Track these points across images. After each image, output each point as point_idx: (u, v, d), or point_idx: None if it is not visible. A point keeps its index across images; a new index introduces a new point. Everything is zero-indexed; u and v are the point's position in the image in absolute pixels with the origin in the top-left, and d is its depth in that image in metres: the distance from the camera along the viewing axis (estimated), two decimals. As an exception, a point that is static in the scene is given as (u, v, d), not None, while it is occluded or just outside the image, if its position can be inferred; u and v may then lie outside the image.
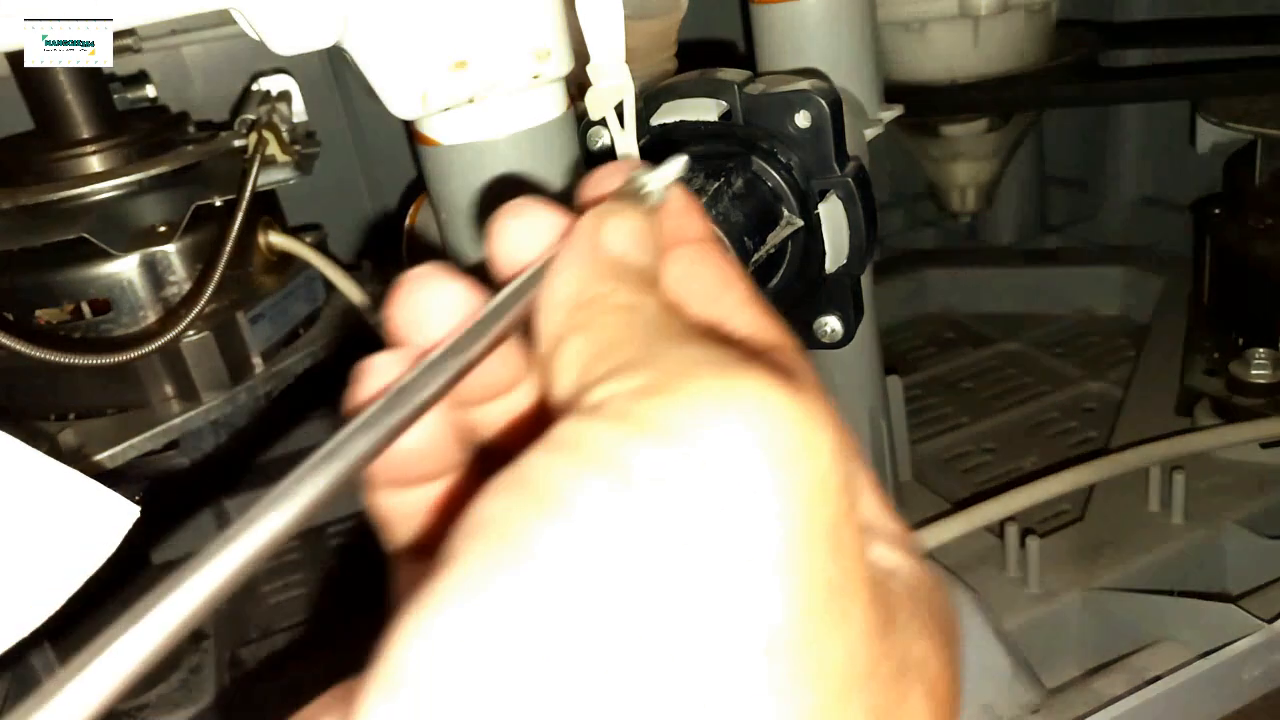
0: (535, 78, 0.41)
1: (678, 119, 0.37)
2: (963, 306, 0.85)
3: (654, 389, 0.14)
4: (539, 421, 0.15)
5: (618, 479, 0.13)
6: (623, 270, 0.17)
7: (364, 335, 0.57)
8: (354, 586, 0.60)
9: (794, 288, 0.38)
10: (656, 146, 0.38)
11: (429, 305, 0.18)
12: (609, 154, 0.38)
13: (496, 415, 0.19)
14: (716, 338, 0.16)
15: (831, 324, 0.39)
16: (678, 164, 0.21)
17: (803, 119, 0.35)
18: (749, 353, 0.15)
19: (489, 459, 0.15)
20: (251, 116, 0.55)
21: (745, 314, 0.18)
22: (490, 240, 0.19)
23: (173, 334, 0.46)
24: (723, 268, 0.19)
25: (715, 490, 0.13)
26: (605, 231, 0.18)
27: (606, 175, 0.19)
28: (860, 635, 0.14)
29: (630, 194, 0.19)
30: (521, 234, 0.19)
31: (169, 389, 0.50)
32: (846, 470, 0.14)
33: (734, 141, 0.36)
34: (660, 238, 0.18)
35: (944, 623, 0.16)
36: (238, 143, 0.53)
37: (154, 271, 0.49)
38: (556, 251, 0.18)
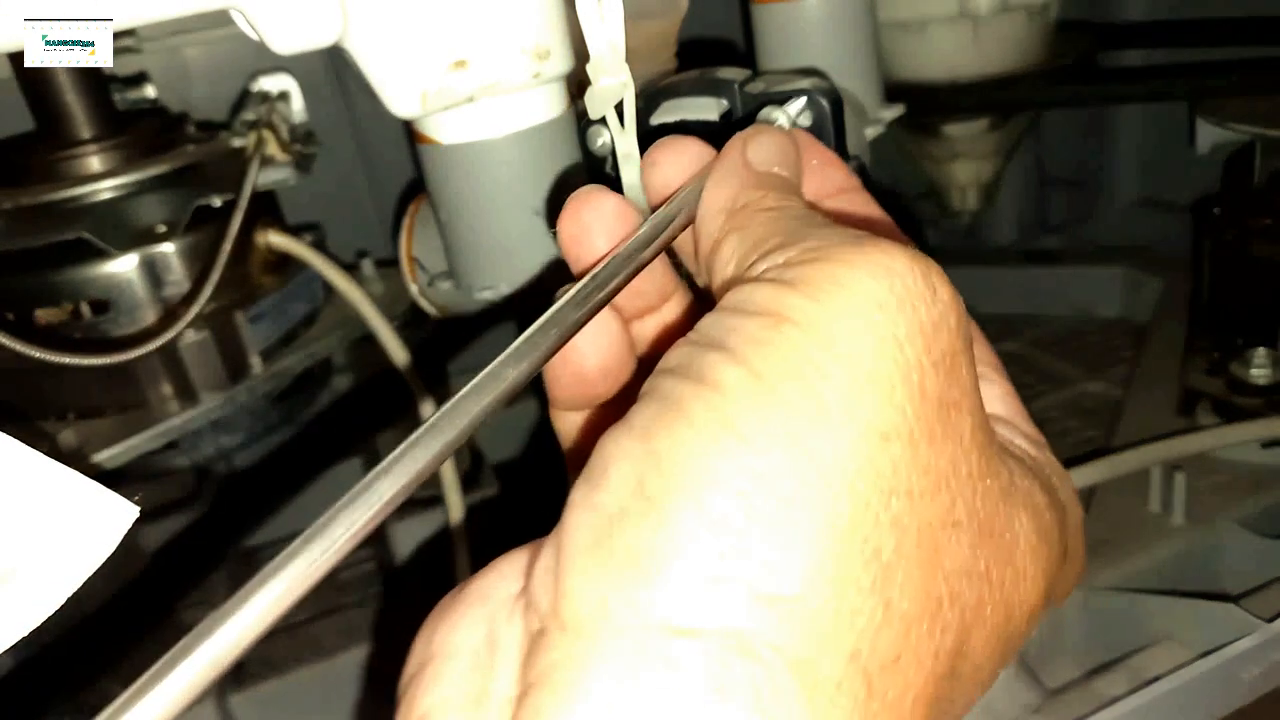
0: (535, 77, 0.41)
1: (678, 118, 0.37)
2: (962, 306, 0.85)
3: (801, 259, 0.17)
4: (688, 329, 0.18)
5: (771, 322, 0.16)
6: (769, 180, 0.21)
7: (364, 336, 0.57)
8: (353, 586, 0.60)
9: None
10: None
11: (594, 216, 0.21)
12: (609, 153, 0.38)
13: (652, 329, 0.23)
14: (853, 225, 0.19)
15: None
16: (799, 102, 0.27)
17: (803, 118, 0.35)
18: (882, 233, 0.18)
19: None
20: (251, 116, 0.55)
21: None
22: (647, 170, 0.23)
23: (172, 334, 0.46)
24: (870, 211, 0.23)
25: (850, 325, 0.16)
26: (751, 150, 0.21)
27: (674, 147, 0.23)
28: (966, 446, 0.17)
29: (765, 125, 0.23)
30: (672, 163, 0.23)
31: (168, 389, 0.50)
32: (961, 320, 0.17)
33: (734, 141, 0.36)
34: (798, 157, 0.22)
35: (1059, 489, 0.19)
36: (237, 143, 0.53)
37: (153, 271, 0.49)
38: (707, 171, 0.21)
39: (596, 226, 0.21)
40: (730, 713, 0.14)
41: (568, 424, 0.23)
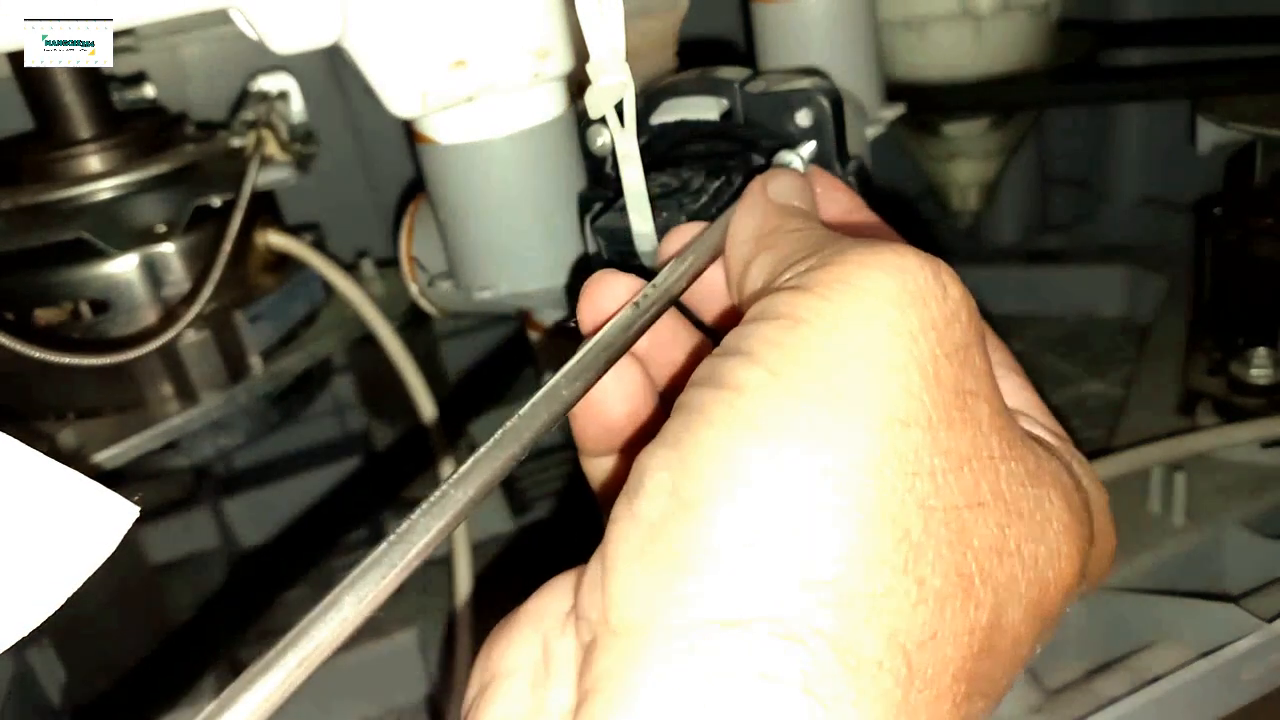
0: (535, 76, 0.41)
1: (678, 118, 0.37)
2: (963, 306, 0.85)
3: (819, 265, 0.18)
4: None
5: (788, 324, 0.17)
6: (789, 210, 0.22)
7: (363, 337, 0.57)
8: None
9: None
10: (657, 145, 0.37)
11: (609, 298, 0.23)
12: (609, 153, 0.38)
13: (671, 373, 0.24)
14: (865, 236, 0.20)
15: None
16: (809, 146, 0.30)
17: (804, 117, 0.35)
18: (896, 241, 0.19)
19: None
20: (250, 116, 0.55)
21: None
22: (661, 255, 0.25)
23: (172, 334, 0.46)
24: (877, 227, 0.25)
25: (865, 321, 0.17)
26: (771, 188, 0.23)
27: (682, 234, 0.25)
28: (985, 431, 0.17)
29: (782, 167, 0.26)
30: (677, 240, 0.25)
31: (168, 389, 0.50)
32: (973, 315, 0.18)
33: (735, 140, 0.36)
34: (813, 195, 0.24)
35: (1082, 476, 0.20)
36: (236, 142, 0.53)
37: (153, 271, 0.49)
38: (724, 218, 0.23)
39: (614, 308, 0.22)
40: (782, 698, 0.15)
41: (598, 469, 0.24)
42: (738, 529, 0.16)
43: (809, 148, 0.27)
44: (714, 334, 0.25)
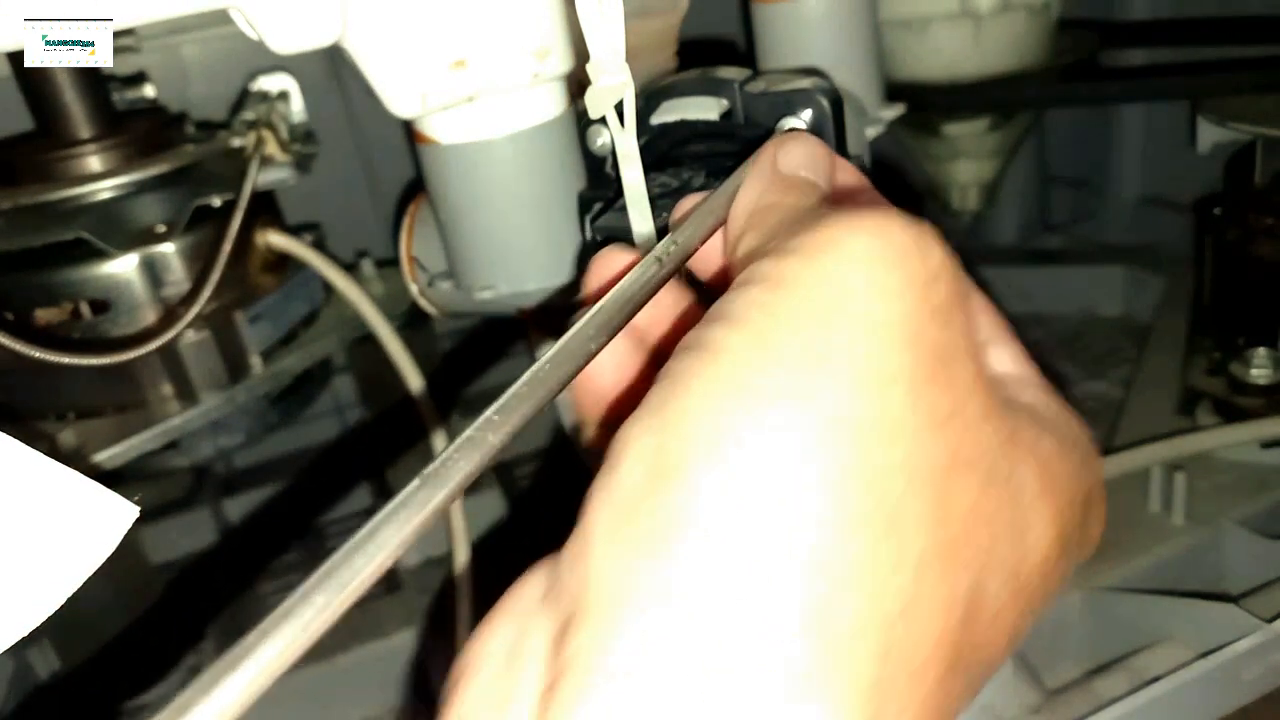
0: (535, 76, 0.41)
1: (678, 117, 0.37)
2: (963, 306, 0.85)
3: (802, 230, 0.18)
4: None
5: (769, 286, 0.17)
6: (794, 183, 0.22)
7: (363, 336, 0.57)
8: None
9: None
10: (657, 145, 0.37)
11: (614, 273, 0.22)
12: (609, 153, 0.38)
13: (660, 335, 0.24)
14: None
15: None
16: (808, 111, 0.30)
17: (804, 118, 0.35)
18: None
19: None
20: (250, 116, 0.55)
21: None
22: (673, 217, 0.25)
23: (172, 333, 0.46)
24: (878, 203, 0.24)
25: (846, 280, 0.17)
26: (780, 155, 0.23)
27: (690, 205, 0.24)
28: (966, 393, 0.17)
29: (797, 131, 0.26)
30: (687, 203, 0.25)
31: (168, 389, 0.50)
32: (955, 278, 0.18)
33: (735, 140, 0.36)
34: (829, 162, 0.23)
35: (1077, 441, 0.20)
36: (237, 142, 0.53)
37: (153, 271, 0.49)
38: (740, 178, 0.23)
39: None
40: (757, 672, 0.14)
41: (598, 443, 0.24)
42: (716, 495, 0.15)
43: (808, 111, 0.28)
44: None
